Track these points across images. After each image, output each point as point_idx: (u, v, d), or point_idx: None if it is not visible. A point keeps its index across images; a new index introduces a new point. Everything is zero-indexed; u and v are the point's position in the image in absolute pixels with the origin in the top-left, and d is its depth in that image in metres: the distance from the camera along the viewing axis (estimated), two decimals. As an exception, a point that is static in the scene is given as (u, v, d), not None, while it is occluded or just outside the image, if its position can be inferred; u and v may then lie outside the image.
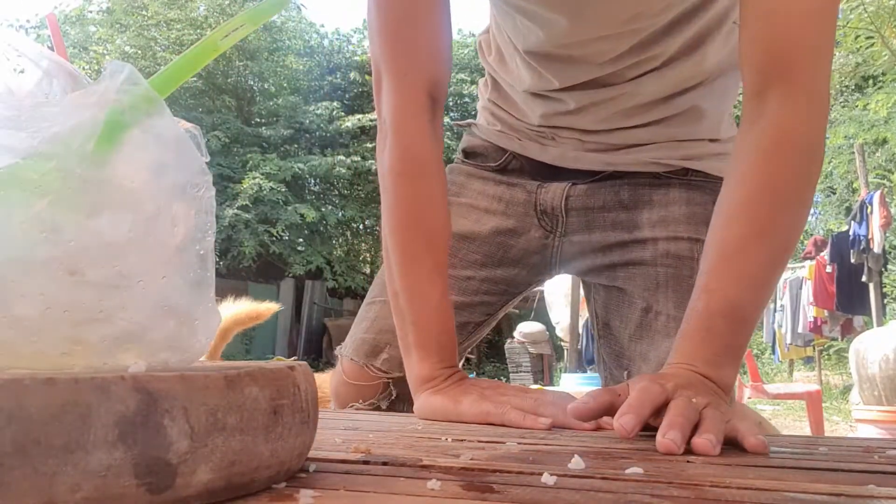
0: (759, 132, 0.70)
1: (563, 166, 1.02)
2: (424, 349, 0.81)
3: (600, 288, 1.05)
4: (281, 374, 0.35)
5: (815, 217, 14.08)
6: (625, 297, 1.00)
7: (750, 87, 0.71)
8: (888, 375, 3.79)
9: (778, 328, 8.18)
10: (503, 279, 1.06)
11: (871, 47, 7.67)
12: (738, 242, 0.68)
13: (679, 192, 0.98)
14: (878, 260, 6.23)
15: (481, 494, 0.34)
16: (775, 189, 0.68)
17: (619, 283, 1.00)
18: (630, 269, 0.98)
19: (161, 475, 0.28)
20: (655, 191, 0.99)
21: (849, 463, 0.45)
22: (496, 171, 1.08)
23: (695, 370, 0.63)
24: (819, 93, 0.69)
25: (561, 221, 1.03)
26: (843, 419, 5.64)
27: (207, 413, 0.30)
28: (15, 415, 0.25)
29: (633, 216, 0.99)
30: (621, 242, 0.99)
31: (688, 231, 0.96)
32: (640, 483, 0.37)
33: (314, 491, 0.34)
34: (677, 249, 0.96)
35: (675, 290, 0.95)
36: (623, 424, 0.52)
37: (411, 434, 0.58)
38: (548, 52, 0.93)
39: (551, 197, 1.02)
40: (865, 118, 11.37)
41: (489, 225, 1.05)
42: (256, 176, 11.93)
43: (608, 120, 0.97)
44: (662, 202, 0.98)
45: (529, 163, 1.05)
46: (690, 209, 0.97)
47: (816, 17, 0.67)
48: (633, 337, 0.97)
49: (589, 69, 0.93)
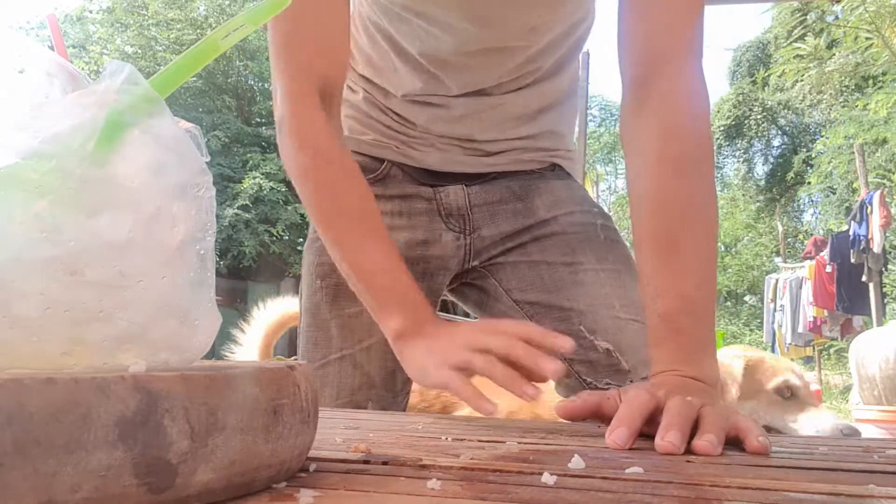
0: (651, 122, 0.74)
1: (446, 171, 1.03)
2: (392, 306, 0.80)
3: (509, 274, 1.03)
4: (281, 374, 0.35)
5: (815, 217, 14.08)
6: (539, 268, 1.01)
7: (632, 79, 0.77)
8: (888, 375, 3.79)
9: (778, 328, 8.19)
10: (431, 291, 1.03)
11: (870, 48, 7.67)
12: (669, 237, 0.70)
13: (555, 181, 1.06)
14: (878, 260, 6.23)
15: (481, 494, 0.34)
16: (684, 176, 0.71)
17: (534, 257, 1.02)
18: (542, 241, 1.02)
19: (161, 475, 0.28)
20: (537, 181, 1.06)
21: (848, 463, 0.45)
22: (376, 183, 1.03)
23: (680, 374, 0.64)
24: (698, 77, 0.75)
25: (468, 219, 1.04)
26: (843, 419, 5.65)
27: (208, 413, 0.30)
28: (15, 415, 0.25)
29: (528, 204, 1.04)
30: (526, 227, 1.03)
31: (577, 206, 1.04)
32: (640, 483, 0.37)
33: (314, 490, 0.34)
34: (577, 219, 1.03)
35: (589, 248, 1.00)
36: (615, 439, 0.51)
37: (411, 434, 0.58)
38: (446, 58, 0.94)
39: (454, 198, 1.03)
40: (865, 118, 11.37)
41: (401, 242, 1.01)
42: (256, 176, 11.94)
43: (486, 130, 1.01)
44: (547, 189, 1.05)
45: (410, 170, 1.04)
46: (570, 191, 1.06)
47: (689, 11, 0.75)
48: (571, 296, 0.98)
49: (484, 78, 0.96)
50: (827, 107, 16.27)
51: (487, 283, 1.06)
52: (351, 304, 0.98)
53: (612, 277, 0.98)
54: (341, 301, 0.99)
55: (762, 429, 0.52)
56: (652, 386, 0.60)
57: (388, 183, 1.04)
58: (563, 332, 0.93)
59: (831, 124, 13.80)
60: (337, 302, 1.00)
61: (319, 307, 1.00)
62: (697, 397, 0.57)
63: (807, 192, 18.13)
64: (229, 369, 0.32)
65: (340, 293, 0.99)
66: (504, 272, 1.04)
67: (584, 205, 1.06)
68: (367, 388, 0.99)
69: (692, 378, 0.63)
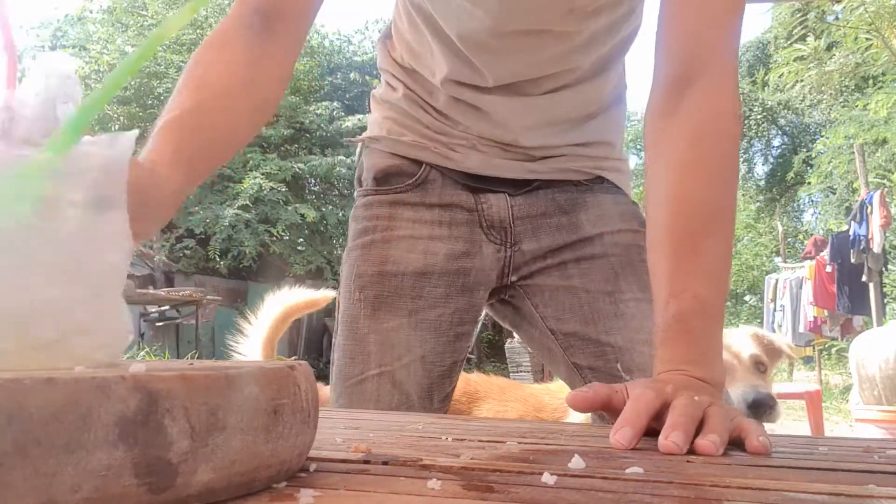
0: (682, 123, 0.73)
1: (486, 174, 1.00)
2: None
3: (546, 299, 1.00)
4: (281, 374, 0.35)
5: (815, 217, 14.07)
6: (578, 295, 0.98)
7: (667, 78, 0.75)
8: (888, 375, 3.78)
9: (778, 328, 8.19)
10: (472, 306, 1.01)
11: (870, 48, 7.67)
12: (690, 240, 0.69)
13: (603, 194, 1.03)
14: (878, 260, 6.24)
15: (481, 494, 0.34)
16: (712, 180, 0.71)
17: (574, 282, 0.99)
18: (583, 264, 0.99)
19: (161, 475, 0.28)
20: (584, 194, 1.02)
21: (849, 463, 0.45)
22: (416, 188, 1.01)
23: (687, 374, 0.64)
24: (734, 80, 0.75)
25: (510, 232, 1.01)
26: (843, 419, 5.64)
27: (208, 412, 0.30)
28: (15, 415, 0.25)
29: (573, 218, 1.01)
30: (569, 243, 1.00)
31: (625, 224, 1.01)
32: (640, 483, 0.37)
33: (314, 490, 0.34)
34: (623, 239, 1.00)
35: (633, 274, 0.97)
36: (619, 439, 0.51)
37: (411, 434, 0.58)
38: (484, 40, 0.91)
39: (497, 209, 1.00)
40: (865, 118, 11.36)
41: (441, 254, 0.99)
42: (257, 176, 11.93)
43: (529, 134, 0.98)
44: (594, 203, 1.02)
45: (450, 173, 1.01)
46: (619, 207, 1.02)
47: (730, 13, 0.74)
48: (610, 329, 0.95)
49: (519, 68, 0.93)
50: (827, 107, 16.27)
51: (524, 304, 1.02)
52: (390, 318, 0.96)
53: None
54: (380, 315, 0.97)
55: (763, 429, 0.52)
56: (659, 383, 0.60)
57: (428, 188, 1.01)
58: (599, 368, 0.94)
59: (831, 124, 13.79)
60: (376, 316, 0.97)
61: (357, 320, 0.98)
62: (706, 396, 0.57)
63: (807, 192, 18.12)
64: (230, 369, 0.32)
65: (380, 306, 0.97)
66: (542, 297, 1.00)
67: (633, 223, 1.01)
68: (405, 406, 0.96)
69: (699, 379, 0.63)
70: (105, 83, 0.36)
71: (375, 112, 1.08)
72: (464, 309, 1.00)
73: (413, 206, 1.01)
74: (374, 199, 1.03)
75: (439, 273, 0.99)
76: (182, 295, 8.30)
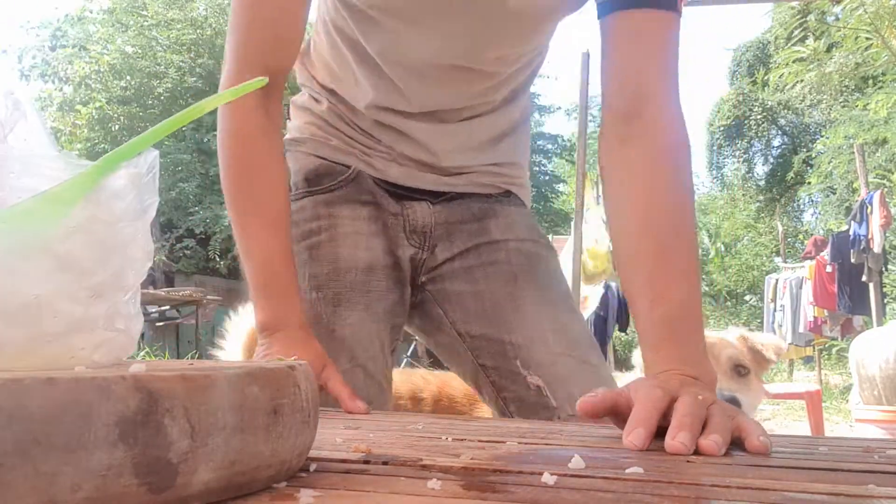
0: (638, 151, 0.79)
1: (406, 185, 1.06)
2: (263, 299, 0.87)
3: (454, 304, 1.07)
4: (281, 374, 0.35)
5: (815, 217, 14.06)
6: (483, 298, 1.05)
7: (616, 111, 0.82)
8: (888, 375, 3.78)
9: (778, 328, 8.18)
10: (403, 300, 1.07)
11: (870, 48, 7.67)
12: (662, 251, 0.73)
13: (510, 206, 1.12)
14: (878, 260, 6.23)
15: (481, 494, 0.34)
16: (674, 200, 0.77)
17: (480, 286, 1.06)
18: (487, 268, 1.06)
19: (162, 475, 0.28)
20: (494, 205, 1.10)
21: (849, 463, 0.45)
22: (349, 184, 1.05)
23: (683, 373, 0.65)
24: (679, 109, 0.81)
25: (428, 237, 1.07)
26: (843, 419, 5.64)
27: (208, 412, 0.30)
28: (15, 414, 0.25)
29: (484, 225, 1.09)
30: (478, 245, 1.07)
31: (528, 234, 1.10)
32: (640, 483, 0.37)
33: (314, 490, 0.34)
34: (525, 248, 1.08)
35: (532, 279, 1.05)
36: (634, 440, 0.52)
37: (411, 434, 0.58)
38: (418, 69, 0.96)
39: (421, 216, 1.06)
40: (865, 118, 11.37)
41: (380, 249, 1.04)
42: (256, 176, 11.91)
43: (447, 156, 1.05)
44: (504, 213, 1.10)
45: (376, 180, 1.06)
46: (524, 219, 1.12)
47: (669, 46, 0.81)
48: (512, 328, 1.02)
49: (444, 100, 1.00)
50: (827, 107, 16.27)
51: (433, 310, 1.08)
52: (350, 313, 1.00)
53: (551, 310, 1.03)
54: (341, 311, 1.00)
55: (763, 428, 0.52)
56: (663, 381, 0.61)
57: (361, 185, 1.05)
58: (501, 366, 1.03)
59: (831, 124, 13.79)
60: (338, 312, 1.00)
61: (320, 319, 1.00)
62: (707, 394, 0.58)
63: (807, 192, 18.12)
64: (230, 369, 0.32)
65: (340, 302, 1.00)
66: (450, 302, 1.07)
67: (534, 234, 1.11)
68: (378, 396, 1.00)
69: (693, 377, 0.64)
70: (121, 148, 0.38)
71: (297, 119, 1.12)
72: (398, 301, 1.06)
73: (349, 204, 1.05)
74: (309, 201, 1.06)
75: (381, 267, 1.04)
76: (182, 295, 8.30)
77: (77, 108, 13.33)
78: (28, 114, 0.39)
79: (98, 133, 13.24)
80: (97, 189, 0.37)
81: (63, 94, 14.27)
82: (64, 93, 14.28)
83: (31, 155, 0.38)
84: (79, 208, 0.36)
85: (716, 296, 19.41)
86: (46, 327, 0.34)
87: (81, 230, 0.36)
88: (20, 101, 0.39)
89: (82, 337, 0.36)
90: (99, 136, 13.19)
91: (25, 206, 0.35)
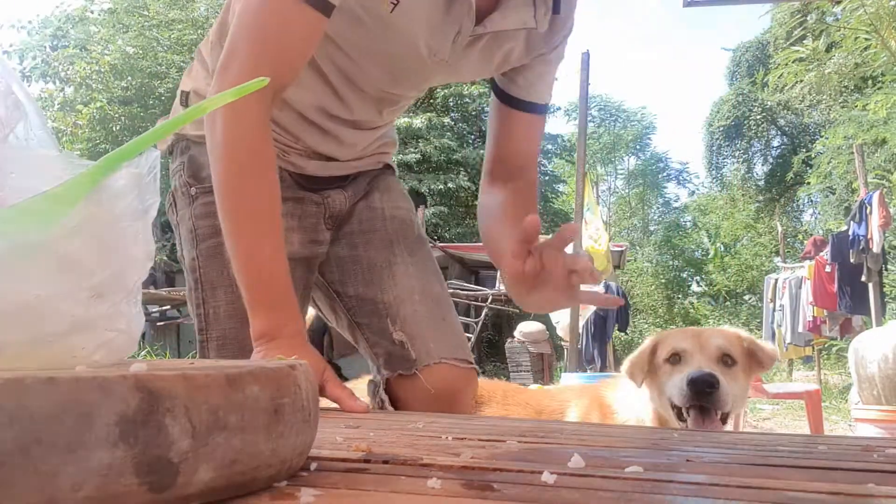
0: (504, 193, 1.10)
1: (324, 175, 1.17)
2: (260, 307, 0.88)
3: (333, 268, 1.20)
4: (282, 374, 0.35)
5: (815, 217, 14.04)
6: (361, 262, 1.18)
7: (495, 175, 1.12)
8: (887, 375, 3.78)
9: (777, 328, 8.18)
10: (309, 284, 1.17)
11: (869, 48, 7.67)
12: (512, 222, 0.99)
13: (390, 177, 1.29)
14: (878, 260, 6.23)
15: (481, 493, 0.34)
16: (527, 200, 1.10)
17: (359, 251, 1.19)
18: (367, 235, 1.20)
19: (162, 474, 0.28)
20: (380, 178, 1.27)
21: (848, 462, 0.45)
22: None
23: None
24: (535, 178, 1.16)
25: (339, 218, 1.20)
26: (842, 419, 5.64)
27: (209, 412, 0.30)
28: (16, 414, 0.25)
29: (370, 194, 1.24)
30: (357, 209, 1.22)
31: (404, 203, 1.26)
32: (640, 482, 0.37)
33: (315, 489, 0.34)
34: (400, 214, 1.23)
35: (405, 243, 1.20)
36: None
37: (412, 433, 0.58)
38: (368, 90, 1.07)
39: (339, 203, 1.20)
40: (865, 118, 11.37)
41: (296, 242, 1.12)
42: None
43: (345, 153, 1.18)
44: (385, 184, 1.26)
45: (296, 177, 1.14)
46: (397, 185, 1.29)
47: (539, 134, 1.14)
48: (385, 288, 1.15)
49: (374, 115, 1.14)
50: (826, 107, 16.27)
51: (313, 276, 1.18)
52: None
53: (418, 270, 1.17)
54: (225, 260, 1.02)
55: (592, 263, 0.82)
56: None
57: (283, 184, 1.08)
58: (374, 324, 1.17)
59: (831, 125, 13.79)
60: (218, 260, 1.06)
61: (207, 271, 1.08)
62: None
63: (806, 193, 18.12)
64: (230, 368, 0.32)
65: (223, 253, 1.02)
66: (329, 266, 1.20)
67: (407, 202, 1.28)
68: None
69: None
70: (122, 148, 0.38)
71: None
72: (308, 288, 1.18)
73: None
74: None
75: (297, 259, 1.11)
76: (183, 294, 8.27)
77: (78, 109, 13.32)
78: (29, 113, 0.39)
79: (99, 133, 13.24)
80: (98, 189, 0.38)
81: (64, 94, 14.27)
82: (65, 93, 14.28)
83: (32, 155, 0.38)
84: (80, 208, 0.36)
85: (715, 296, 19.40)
86: (47, 327, 0.34)
87: (82, 230, 0.36)
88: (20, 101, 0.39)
89: (83, 337, 0.36)
90: (100, 136, 13.19)
91: (26, 206, 0.35)
